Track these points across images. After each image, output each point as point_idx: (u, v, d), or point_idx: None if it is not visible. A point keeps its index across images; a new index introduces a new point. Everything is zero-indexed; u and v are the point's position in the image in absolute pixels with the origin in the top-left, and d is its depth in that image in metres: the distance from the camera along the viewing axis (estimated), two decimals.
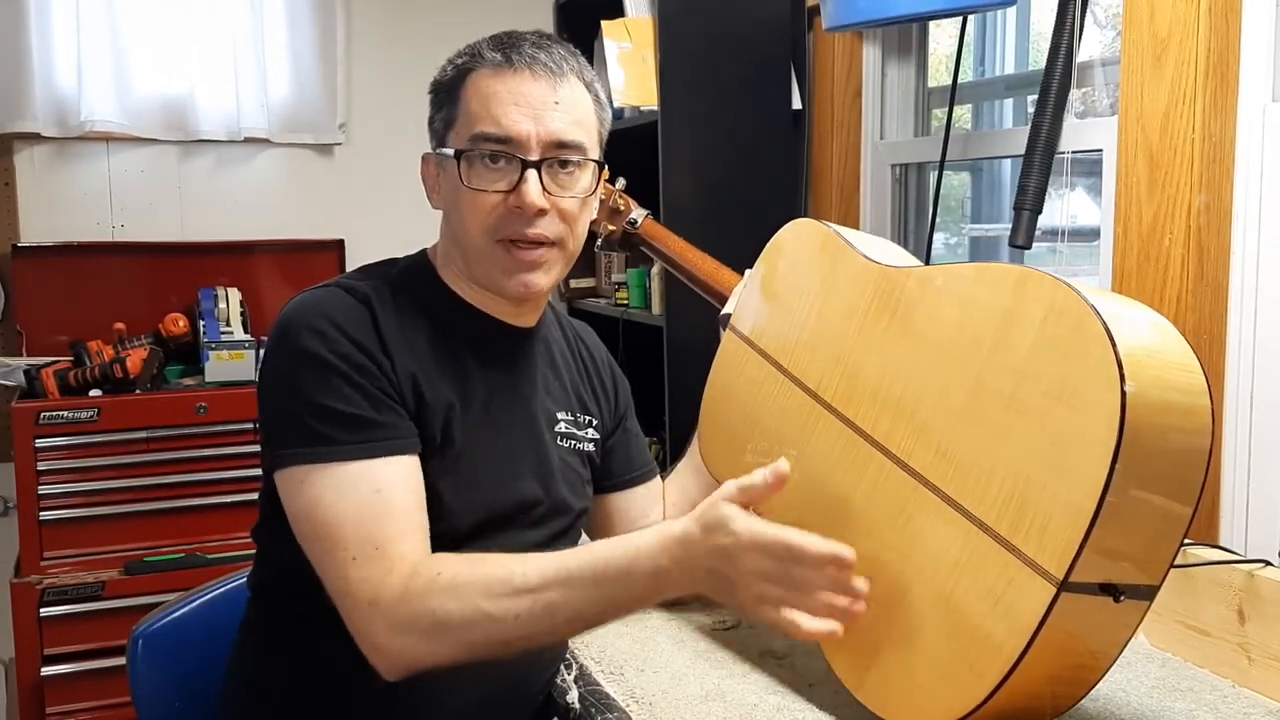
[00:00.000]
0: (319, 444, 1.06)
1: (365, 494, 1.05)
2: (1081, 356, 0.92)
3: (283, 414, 1.09)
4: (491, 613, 0.99)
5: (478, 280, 1.20)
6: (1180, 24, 1.58)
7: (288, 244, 2.99)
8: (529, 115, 1.13)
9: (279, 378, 1.11)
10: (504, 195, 1.13)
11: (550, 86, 1.14)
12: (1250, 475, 1.57)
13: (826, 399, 1.17)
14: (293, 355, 1.10)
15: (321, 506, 1.05)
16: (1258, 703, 1.14)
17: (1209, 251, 1.58)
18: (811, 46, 2.52)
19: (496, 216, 1.14)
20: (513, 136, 1.13)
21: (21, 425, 2.39)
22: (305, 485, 1.06)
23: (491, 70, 1.14)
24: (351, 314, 1.12)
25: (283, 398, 1.10)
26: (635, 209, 1.55)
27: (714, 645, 1.28)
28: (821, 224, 1.29)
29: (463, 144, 1.14)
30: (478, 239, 1.15)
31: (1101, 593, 0.93)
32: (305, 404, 1.07)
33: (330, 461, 1.05)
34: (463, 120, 1.15)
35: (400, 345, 1.13)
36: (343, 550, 1.03)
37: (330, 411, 1.07)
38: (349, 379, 1.08)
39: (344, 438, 1.06)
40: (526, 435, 1.22)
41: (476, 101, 1.14)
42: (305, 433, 1.07)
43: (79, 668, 2.42)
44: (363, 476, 1.06)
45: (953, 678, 0.97)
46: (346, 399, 1.08)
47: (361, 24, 3.07)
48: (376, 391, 1.09)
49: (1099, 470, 0.88)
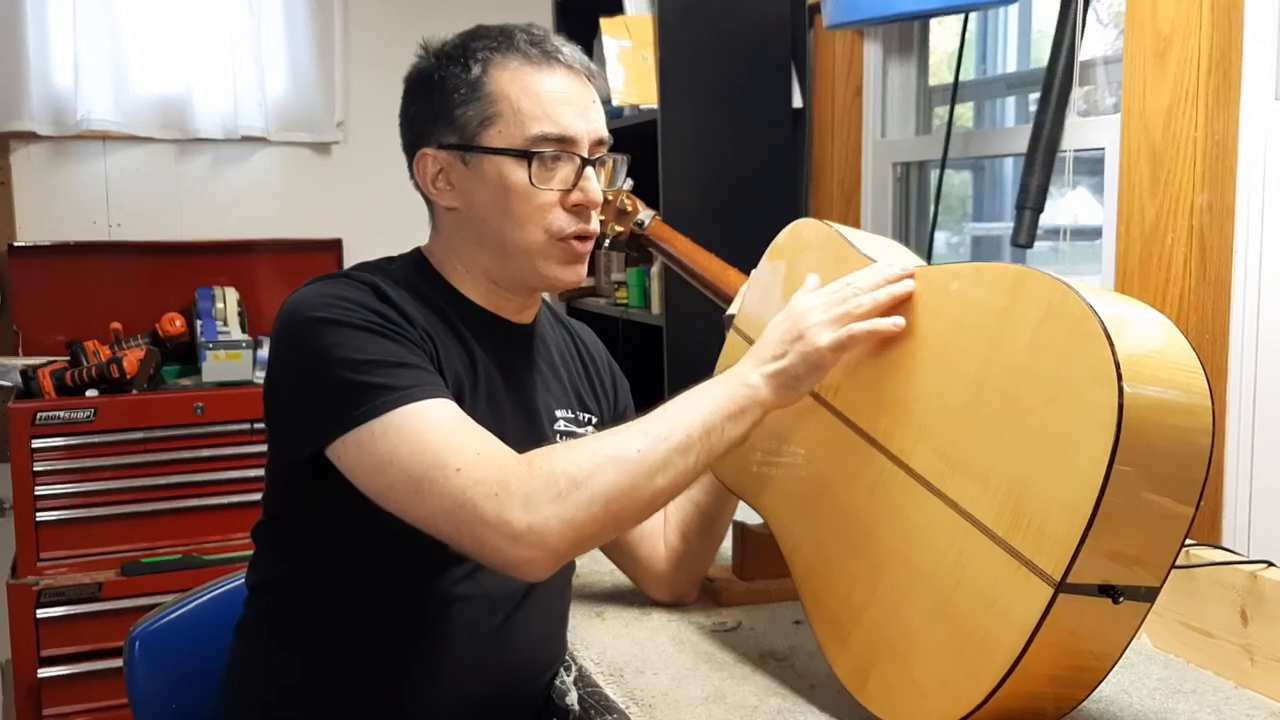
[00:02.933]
0: (378, 395, 1.02)
1: (445, 423, 1.03)
2: (1078, 356, 0.91)
3: (323, 388, 1.05)
4: (612, 453, 1.00)
5: (512, 278, 1.19)
6: (1183, 22, 1.57)
7: (285, 243, 2.98)
8: (579, 114, 1.15)
9: (303, 359, 1.07)
10: (561, 193, 1.15)
11: (586, 84, 1.17)
12: (1253, 476, 1.57)
13: (828, 399, 1.17)
14: (313, 332, 1.06)
15: (405, 446, 1.01)
16: (1260, 704, 1.14)
17: (1212, 250, 1.58)
18: (812, 45, 2.51)
19: (556, 213, 1.15)
20: (571, 135, 1.14)
21: (18, 426, 2.39)
22: (381, 436, 1.02)
23: (531, 66, 1.14)
24: (359, 292, 1.11)
25: (315, 374, 1.06)
26: (643, 210, 1.54)
27: (715, 647, 1.28)
28: (823, 223, 1.29)
29: (522, 143, 1.13)
30: (535, 236, 1.15)
31: (1100, 594, 0.92)
32: (349, 365, 1.04)
33: (399, 406, 1.02)
34: (510, 118, 1.13)
35: (415, 315, 1.12)
36: (441, 469, 0.99)
37: (378, 363, 1.04)
38: (382, 333, 1.06)
39: (404, 383, 1.03)
40: (527, 430, 1.21)
41: (527, 99, 1.13)
42: (362, 391, 1.03)
43: (76, 669, 2.41)
44: (436, 411, 1.03)
45: (952, 679, 0.97)
46: (387, 350, 1.05)
47: (359, 22, 3.06)
48: (407, 341, 1.08)
49: (1096, 471, 0.88)
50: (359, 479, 1.04)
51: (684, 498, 1.36)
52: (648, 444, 1.01)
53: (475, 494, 0.98)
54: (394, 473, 1.01)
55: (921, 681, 1.00)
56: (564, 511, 0.97)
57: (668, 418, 1.04)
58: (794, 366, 1.07)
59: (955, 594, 0.97)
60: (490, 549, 0.99)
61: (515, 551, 0.98)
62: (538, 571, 0.99)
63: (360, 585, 1.14)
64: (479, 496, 0.98)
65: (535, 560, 0.98)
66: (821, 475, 1.15)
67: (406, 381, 1.04)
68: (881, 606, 1.05)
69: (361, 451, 1.03)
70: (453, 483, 0.99)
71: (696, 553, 1.37)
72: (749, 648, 1.27)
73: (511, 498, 0.97)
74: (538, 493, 0.97)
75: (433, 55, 1.19)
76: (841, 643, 1.09)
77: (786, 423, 1.21)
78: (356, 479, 1.04)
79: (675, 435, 1.02)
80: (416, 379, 1.05)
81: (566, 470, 0.98)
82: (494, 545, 0.98)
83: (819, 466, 1.16)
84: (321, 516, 1.13)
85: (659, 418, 1.05)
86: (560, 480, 0.98)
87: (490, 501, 0.97)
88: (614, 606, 1.40)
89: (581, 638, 1.30)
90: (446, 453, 1.00)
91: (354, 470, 1.04)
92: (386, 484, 1.02)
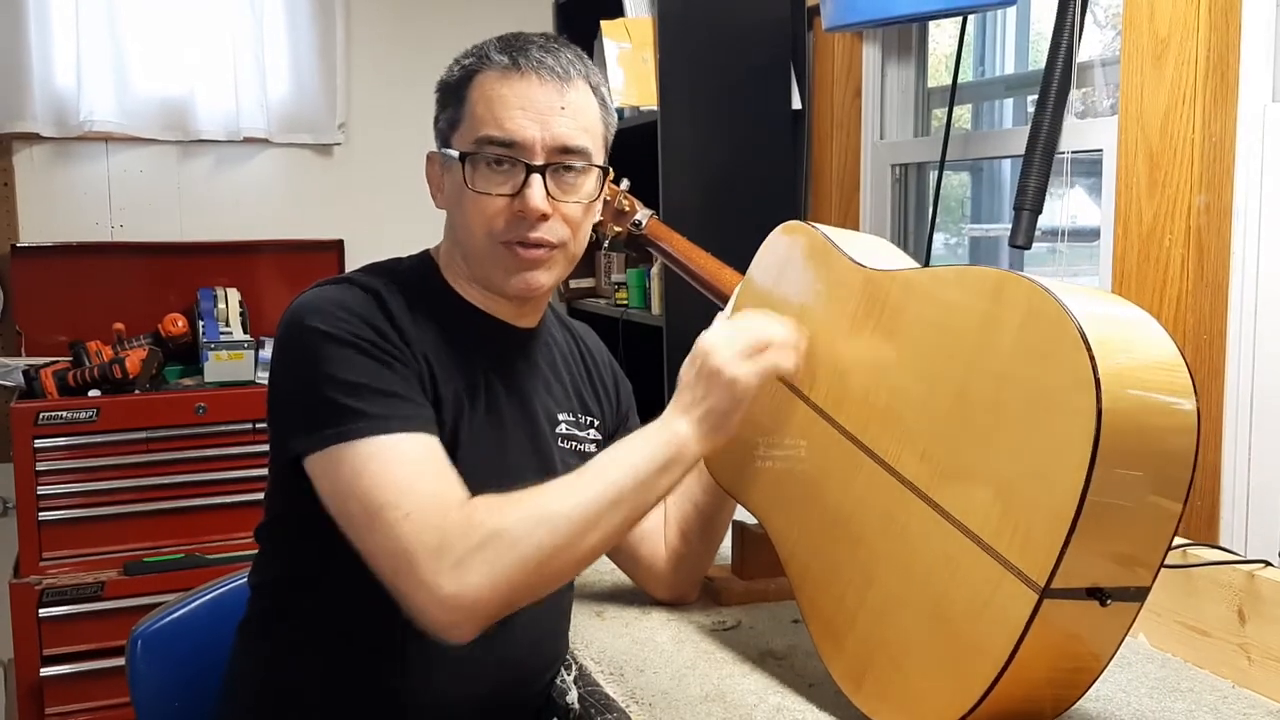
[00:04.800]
0: (353, 420, 1.04)
1: (409, 461, 1.04)
2: (1057, 361, 0.91)
3: (307, 399, 1.07)
4: (547, 514, 1.01)
5: (479, 280, 1.20)
6: (1180, 24, 1.58)
7: (287, 244, 2.99)
8: (535, 120, 1.13)
9: (297, 365, 1.09)
10: (508, 199, 1.13)
11: (557, 91, 1.14)
12: (1250, 475, 1.57)
13: (818, 403, 1.17)
14: (310, 340, 1.08)
15: (365, 477, 1.02)
16: (1258, 703, 1.14)
17: (1209, 252, 1.58)
18: (811, 46, 2.52)
19: (500, 219, 1.14)
20: (517, 141, 1.13)
21: (20, 425, 2.39)
22: (345, 462, 1.03)
23: (498, 73, 1.14)
24: (362, 302, 1.11)
25: (305, 383, 1.07)
26: (640, 210, 1.55)
27: (714, 646, 1.28)
28: (810, 226, 1.29)
29: (467, 146, 1.14)
30: (480, 240, 1.15)
31: (1089, 596, 0.93)
32: (332, 383, 1.05)
33: (368, 436, 1.03)
34: (468, 122, 1.15)
35: (414, 333, 1.13)
36: (393, 510, 1.00)
37: (359, 387, 1.05)
38: (371, 355, 1.07)
39: (378, 412, 1.05)
40: (528, 435, 1.22)
41: (482, 105, 1.14)
42: (337, 412, 1.04)
43: (78, 668, 2.42)
44: (403, 447, 1.04)
45: (943, 683, 0.97)
46: (372, 374, 1.06)
47: (361, 24, 3.07)
48: (399, 365, 1.08)
49: (1077, 475, 0.88)
50: (323, 497, 1.06)
51: (684, 498, 1.37)
52: (581, 502, 1.02)
53: (416, 546, 0.99)
54: (353, 502, 1.03)
55: (915, 685, 1.00)
56: (495, 574, 0.99)
57: (600, 473, 1.05)
58: (718, 405, 1.07)
59: (945, 598, 0.98)
60: (419, 607, 1.00)
61: (441, 615, 0.99)
62: (461, 636, 1.01)
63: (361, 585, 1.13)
64: (419, 550, 0.99)
65: (460, 624, 1.00)
66: (814, 480, 1.16)
67: (384, 410, 1.05)
68: (874, 610, 1.05)
69: (327, 471, 1.05)
70: (399, 528, 1.00)
71: (696, 553, 1.37)
72: (748, 647, 1.27)
73: (447, 558, 0.98)
74: (470, 553, 0.98)
75: None
76: (837, 646, 1.10)
77: (781, 425, 1.22)
78: (321, 496, 1.06)
79: (608, 492, 1.03)
80: (395, 409, 1.06)
81: (502, 530, 0.99)
82: (423, 605, 0.99)
83: (811, 471, 1.16)
84: (322, 516, 1.13)
85: (592, 473, 1.05)
86: (495, 541, 0.99)
87: (428, 559, 0.99)
88: (614, 606, 1.40)
89: (582, 637, 1.31)
90: (403, 493, 1.01)
91: (319, 487, 1.06)
92: (344, 510, 1.04)
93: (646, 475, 1.05)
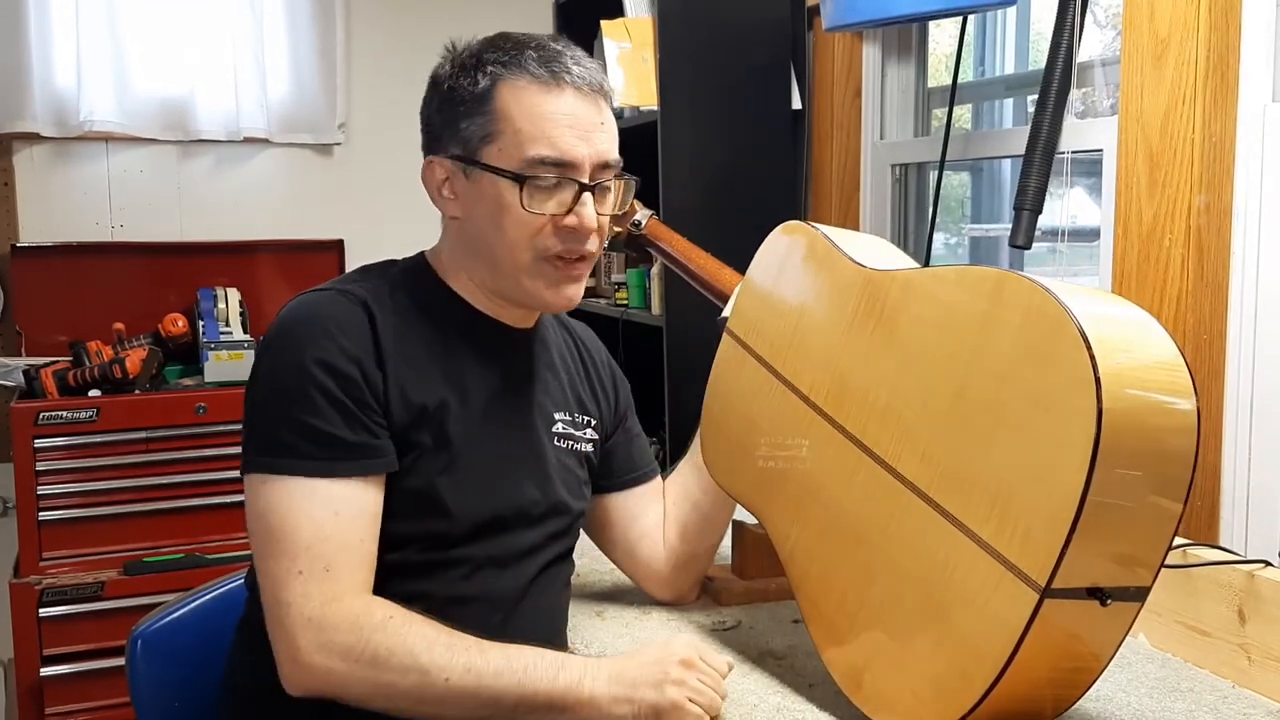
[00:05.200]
0: (285, 455, 1.07)
1: (322, 513, 1.06)
2: (1057, 361, 0.91)
3: (258, 419, 1.11)
4: (426, 667, 1.02)
5: (505, 293, 1.19)
6: (1180, 24, 1.58)
7: (287, 244, 2.99)
8: (581, 138, 1.13)
9: (262, 383, 1.12)
10: (554, 215, 1.14)
11: (595, 106, 1.15)
12: (1250, 475, 1.57)
13: (818, 403, 1.17)
14: (278, 363, 1.10)
15: (275, 514, 1.06)
16: (1258, 703, 1.14)
17: (1209, 252, 1.58)
18: (811, 46, 2.52)
19: (546, 235, 1.14)
20: (570, 160, 1.12)
21: (21, 425, 2.39)
22: (263, 492, 1.07)
23: (538, 86, 1.12)
24: (348, 320, 1.11)
25: (261, 403, 1.11)
26: (640, 210, 1.55)
27: (714, 645, 1.28)
28: (810, 226, 1.29)
29: (518, 165, 1.12)
30: (523, 256, 1.15)
31: (1089, 596, 0.93)
32: (281, 413, 1.08)
33: (292, 474, 1.06)
34: (510, 138, 1.12)
35: (395, 351, 1.13)
36: (290, 561, 1.04)
37: (303, 426, 1.07)
38: (329, 394, 1.08)
39: (311, 452, 1.07)
40: (524, 436, 1.22)
41: (527, 120, 1.12)
42: (274, 441, 1.08)
43: (78, 668, 2.42)
44: (322, 494, 1.06)
45: (944, 683, 0.97)
46: (322, 415, 1.08)
47: (361, 24, 3.07)
48: (355, 409, 1.09)
49: (1077, 477, 0.88)
50: (246, 513, 1.09)
51: (683, 498, 1.37)
52: (464, 682, 1.02)
53: (297, 605, 1.03)
54: (259, 531, 1.07)
55: (915, 685, 1.00)
56: (345, 674, 1.02)
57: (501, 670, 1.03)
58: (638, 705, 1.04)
59: (945, 599, 0.98)
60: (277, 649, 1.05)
61: (287, 666, 1.04)
62: (292, 691, 1.05)
63: None
64: (298, 609, 1.03)
65: (297, 684, 1.05)
66: (814, 480, 1.16)
67: (317, 454, 1.07)
68: (874, 610, 1.05)
69: (250, 493, 1.09)
70: (289, 580, 1.04)
71: (696, 553, 1.37)
72: (748, 646, 1.28)
73: (313, 635, 1.03)
74: (341, 647, 1.02)
75: (450, 60, 1.18)
76: (837, 646, 1.10)
77: (782, 426, 1.22)
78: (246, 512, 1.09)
79: (490, 690, 1.02)
80: (329, 453, 1.07)
81: (375, 650, 1.02)
82: (279, 652, 1.05)
83: (811, 471, 1.16)
84: None
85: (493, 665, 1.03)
86: (363, 653, 1.02)
87: (296, 621, 1.03)
88: (614, 606, 1.40)
89: (582, 637, 1.31)
90: (302, 548, 1.05)
91: (246, 504, 1.10)
92: (252, 533, 1.09)
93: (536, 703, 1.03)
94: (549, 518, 1.23)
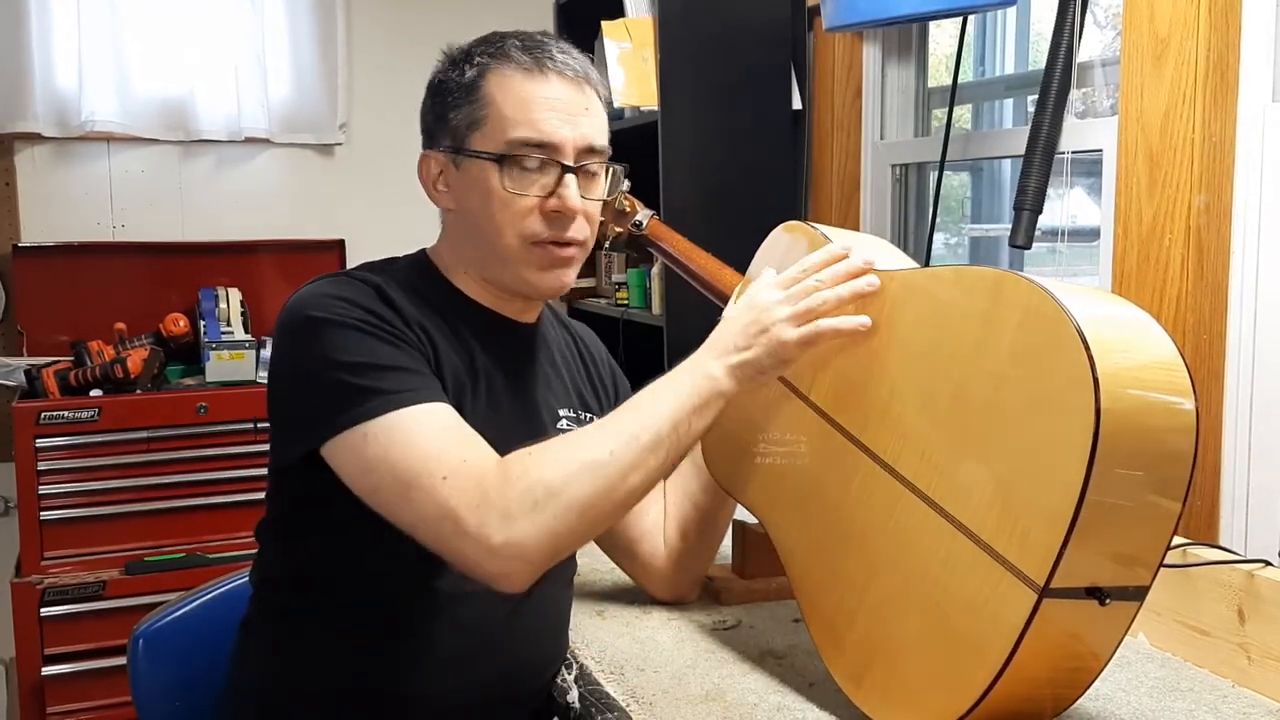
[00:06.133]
0: (371, 399, 1.04)
1: (435, 428, 1.04)
2: (1056, 361, 0.91)
3: (317, 387, 1.07)
4: (587, 460, 1.02)
5: (499, 280, 1.20)
6: (1180, 24, 1.58)
7: (288, 244, 2.99)
8: (566, 120, 1.14)
9: (301, 357, 1.09)
10: (539, 199, 1.14)
11: (580, 91, 1.16)
12: (1250, 475, 1.57)
13: (818, 403, 1.17)
14: (311, 331, 1.08)
15: (394, 450, 1.03)
16: (1258, 703, 1.14)
17: (1209, 251, 1.58)
18: (811, 46, 2.52)
19: (532, 219, 1.14)
20: (553, 142, 1.13)
21: (22, 425, 2.40)
22: (371, 440, 1.03)
23: (523, 73, 1.14)
24: (360, 292, 1.12)
25: (313, 372, 1.07)
26: (641, 210, 1.55)
27: (714, 645, 1.28)
28: (810, 226, 1.29)
29: (500, 148, 1.13)
30: (511, 241, 1.15)
31: (1088, 596, 0.93)
32: (343, 367, 1.05)
33: (389, 411, 1.04)
34: (494, 123, 1.14)
35: (415, 317, 1.13)
36: (429, 477, 1.01)
37: (370, 366, 1.06)
38: (378, 335, 1.08)
39: (394, 387, 1.05)
40: (530, 429, 1.22)
41: (511, 105, 1.13)
42: (354, 393, 1.04)
43: (80, 667, 2.42)
44: (426, 416, 1.05)
45: (944, 682, 0.97)
46: (381, 354, 1.07)
47: (362, 24, 3.07)
48: (404, 344, 1.09)
49: (1076, 476, 0.88)
50: (350, 479, 1.06)
51: (683, 498, 1.37)
52: (620, 445, 1.03)
53: (459, 504, 1.00)
54: (382, 475, 1.03)
55: (915, 684, 1.00)
56: (542, 522, 0.99)
57: (636, 415, 1.06)
58: (759, 360, 1.10)
59: (944, 598, 0.98)
60: (471, 562, 1.01)
61: (494, 565, 1.00)
62: (516, 584, 1.02)
63: (362, 583, 1.14)
64: (462, 507, 1.00)
65: (514, 573, 1.01)
66: (814, 479, 1.16)
67: (398, 385, 1.05)
68: (874, 609, 1.05)
69: (352, 454, 1.05)
70: (439, 491, 1.01)
71: (696, 552, 1.37)
72: (749, 646, 1.28)
73: (492, 510, 0.99)
74: (515, 504, 0.99)
75: (445, 60, 1.20)
76: (837, 645, 1.10)
77: (781, 426, 1.22)
78: (347, 479, 1.06)
79: (645, 434, 1.04)
80: (408, 383, 1.06)
81: (543, 479, 1.00)
82: (475, 558, 1.01)
83: (811, 471, 1.17)
84: (322, 514, 1.14)
85: (627, 415, 1.07)
86: (537, 489, 1.00)
87: (472, 514, 0.99)
88: (614, 605, 1.41)
89: (582, 636, 1.31)
90: (434, 459, 1.02)
91: (345, 471, 1.06)
92: (374, 485, 1.04)
93: (683, 416, 1.06)
94: None
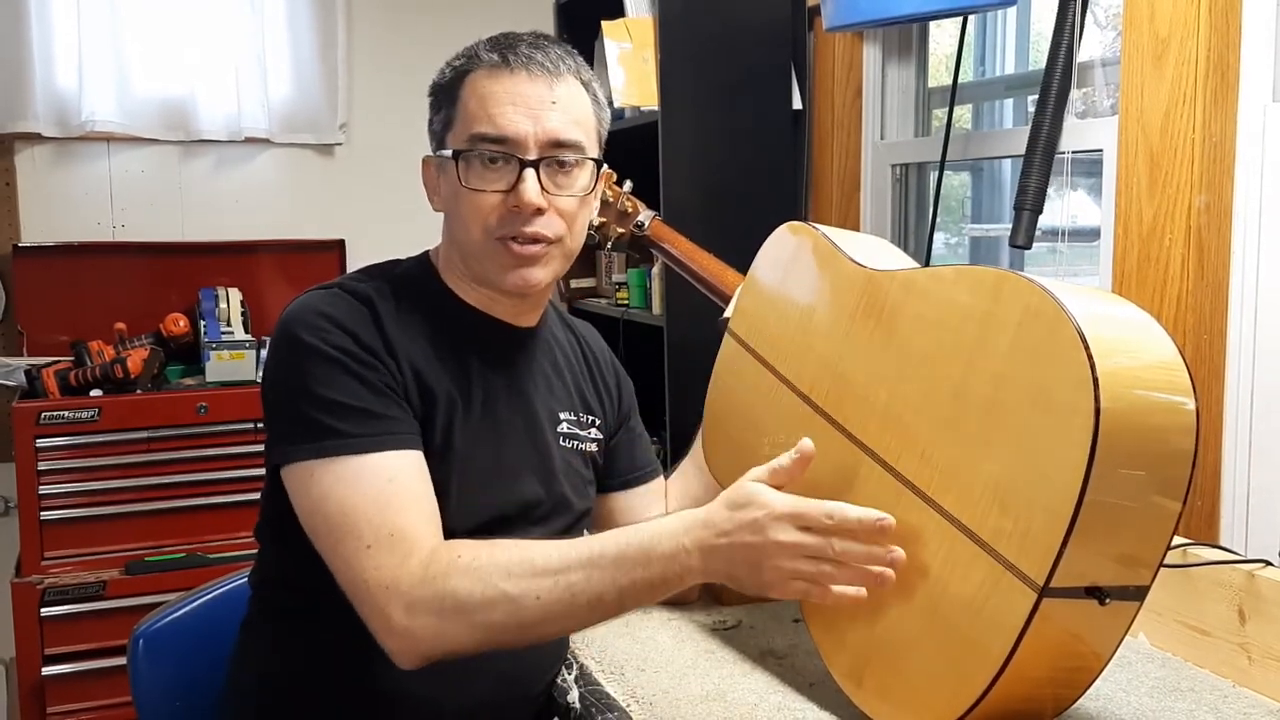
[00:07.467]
0: (326, 438, 1.06)
1: (378, 484, 1.05)
2: (1055, 360, 0.91)
3: (287, 410, 1.09)
4: (511, 593, 0.98)
5: (478, 279, 1.20)
6: (1181, 24, 1.58)
7: (288, 244, 2.99)
8: (526, 115, 1.13)
9: (282, 375, 1.12)
10: (503, 195, 1.14)
11: (547, 86, 1.15)
12: (1251, 475, 1.57)
13: (818, 403, 1.17)
14: (294, 352, 1.10)
15: (332, 499, 1.05)
16: (1258, 703, 1.14)
17: (1209, 251, 1.58)
18: (812, 46, 2.52)
19: (496, 216, 1.14)
20: (509, 136, 1.13)
21: (22, 425, 2.40)
22: (315, 480, 1.06)
23: (488, 71, 1.15)
24: (352, 311, 1.13)
25: (286, 394, 1.10)
26: (643, 211, 1.55)
27: (715, 645, 1.28)
28: (811, 227, 1.29)
29: (460, 144, 1.15)
30: (477, 237, 1.16)
31: (1088, 596, 0.93)
32: (310, 398, 1.07)
33: (339, 455, 1.05)
34: (460, 121, 1.16)
35: (402, 341, 1.14)
36: (356, 539, 1.03)
37: (335, 404, 1.07)
38: (352, 371, 1.09)
39: (352, 430, 1.06)
40: (528, 435, 1.22)
41: (474, 102, 1.15)
42: (312, 427, 1.07)
43: (80, 667, 2.42)
44: (373, 468, 1.06)
45: (944, 682, 0.97)
46: (351, 392, 1.08)
47: (362, 24, 3.07)
48: (379, 384, 1.10)
49: (1075, 475, 0.88)
50: (296, 510, 1.08)
51: (685, 497, 1.37)
52: (554, 595, 0.98)
53: (371, 578, 1.02)
54: (319, 520, 1.06)
55: (915, 683, 1.01)
56: (441, 629, 1.00)
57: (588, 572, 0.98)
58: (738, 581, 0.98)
59: (944, 598, 0.98)
60: (371, 627, 1.03)
61: (388, 640, 1.02)
62: (406, 664, 1.03)
63: None
64: (373, 583, 1.02)
65: (405, 653, 1.02)
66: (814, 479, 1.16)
67: (358, 429, 1.06)
68: (874, 609, 1.05)
69: (299, 486, 1.07)
70: (359, 558, 1.03)
71: None
72: (749, 646, 1.28)
73: (397, 600, 1.01)
74: (423, 603, 1.00)
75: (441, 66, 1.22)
76: (838, 644, 1.10)
77: (783, 426, 1.22)
78: (295, 509, 1.08)
79: (586, 594, 0.98)
80: (370, 428, 1.07)
81: (457, 592, 0.99)
82: (373, 626, 1.03)
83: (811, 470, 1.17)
84: None
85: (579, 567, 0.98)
86: (447, 600, 1.00)
87: (381, 592, 1.01)
88: None
89: (583, 636, 1.31)
90: (364, 521, 1.03)
91: (293, 500, 1.09)
92: (311, 526, 1.07)
93: (637, 593, 0.99)
94: (553, 516, 1.23)
